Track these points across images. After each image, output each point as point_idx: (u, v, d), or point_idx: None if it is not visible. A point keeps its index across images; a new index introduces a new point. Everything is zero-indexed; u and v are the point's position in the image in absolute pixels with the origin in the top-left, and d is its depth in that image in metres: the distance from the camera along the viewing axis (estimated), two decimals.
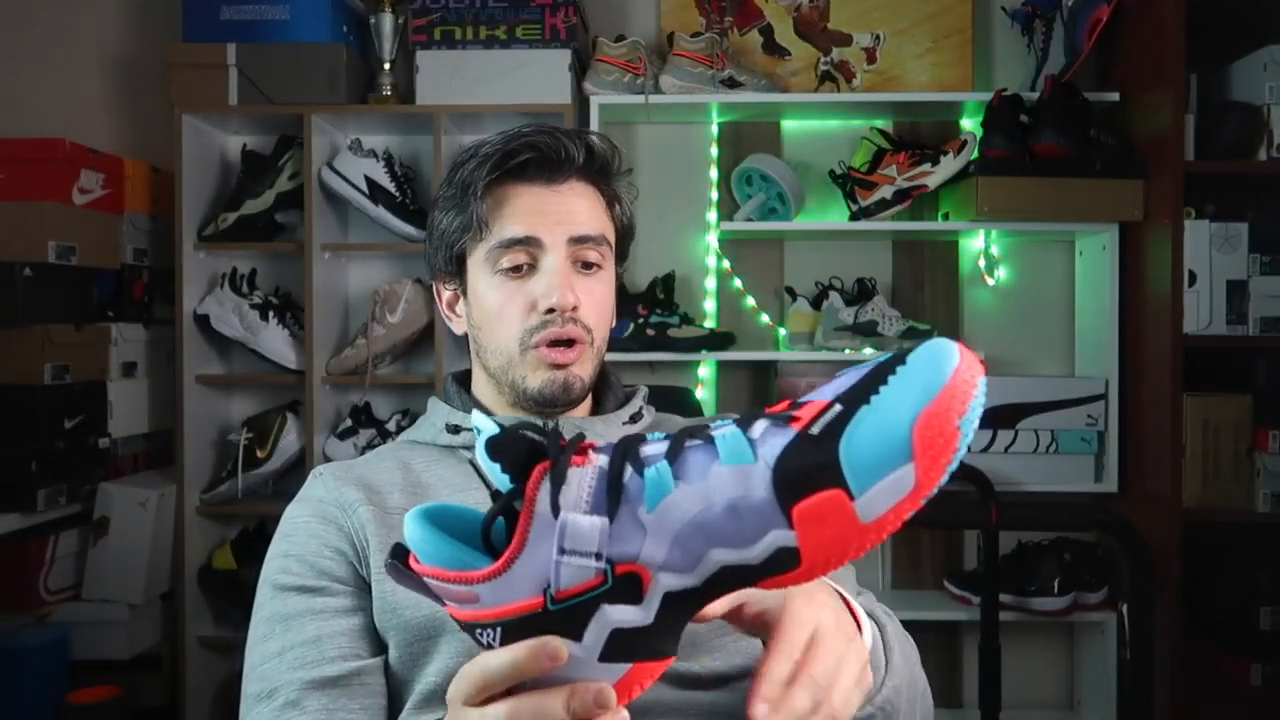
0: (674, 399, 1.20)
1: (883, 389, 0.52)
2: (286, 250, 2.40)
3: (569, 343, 0.94)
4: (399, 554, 0.58)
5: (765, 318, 2.51)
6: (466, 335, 1.02)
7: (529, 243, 0.94)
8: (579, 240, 0.95)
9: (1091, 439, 2.32)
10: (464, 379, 1.07)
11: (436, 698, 0.84)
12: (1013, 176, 2.23)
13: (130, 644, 2.27)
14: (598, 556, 0.53)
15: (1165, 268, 2.13)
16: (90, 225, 2.24)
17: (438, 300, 1.05)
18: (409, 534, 0.57)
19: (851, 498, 0.51)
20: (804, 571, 0.53)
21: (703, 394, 2.48)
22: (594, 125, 2.30)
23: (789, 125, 2.53)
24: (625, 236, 1.03)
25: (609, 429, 0.99)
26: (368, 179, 2.35)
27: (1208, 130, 2.20)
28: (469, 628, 0.56)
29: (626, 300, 2.32)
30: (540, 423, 0.96)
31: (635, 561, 0.53)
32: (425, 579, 0.56)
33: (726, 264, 2.50)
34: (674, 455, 0.54)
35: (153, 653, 2.35)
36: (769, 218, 2.40)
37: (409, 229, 2.36)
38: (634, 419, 1.03)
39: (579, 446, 0.56)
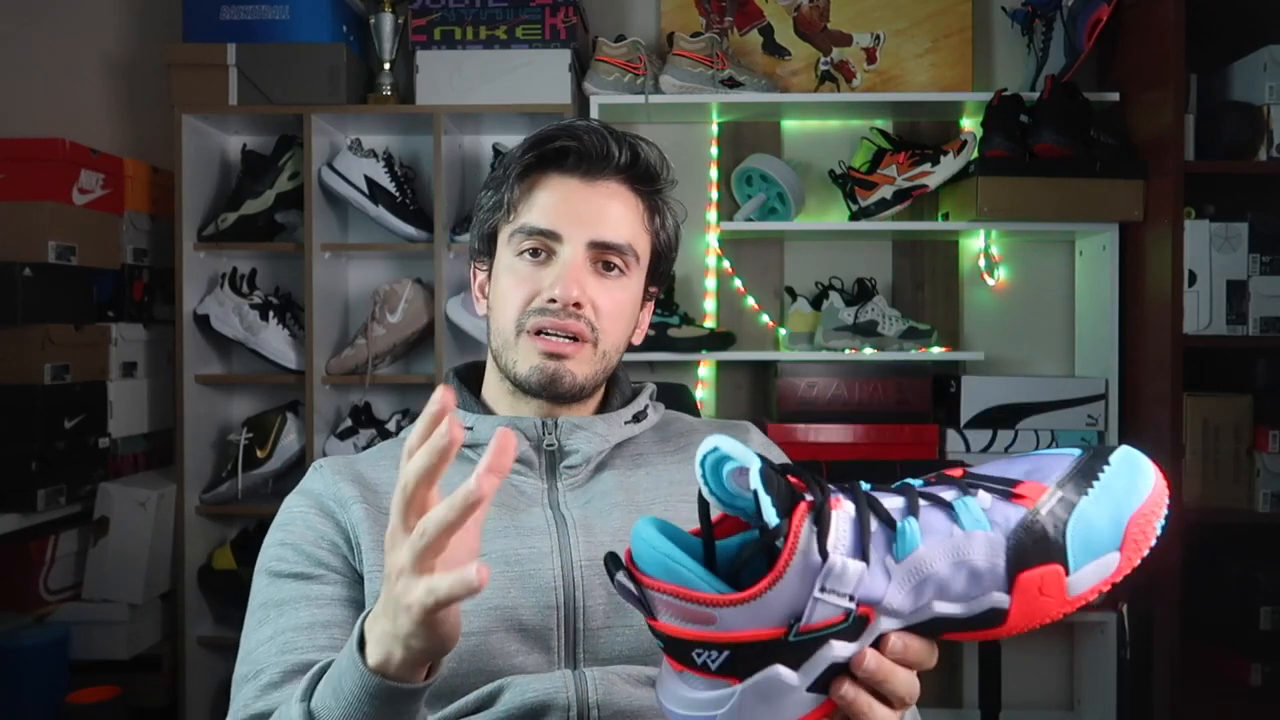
0: (674, 398, 1.19)
1: (1096, 484, 0.61)
2: (286, 250, 2.40)
3: (571, 337, 0.93)
4: (614, 561, 0.59)
5: (765, 318, 2.51)
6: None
7: (548, 235, 0.93)
8: (600, 246, 0.94)
9: (1091, 439, 2.32)
10: (466, 374, 1.06)
11: (430, 699, 0.83)
12: (1013, 176, 2.23)
13: (130, 644, 2.27)
14: (850, 598, 0.57)
15: (1165, 268, 2.13)
16: (90, 225, 2.24)
17: (472, 282, 1.05)
18: (638, 545, 0.58)
19: (1067, 573, 0.60)
20: (1004, 629, 0.60)
21: (702, 394, 2.48)
22: None
23: (789, 125, 2.53)
24: (663, 252, 1.01)
25: (610, 428, 0.98)
26: (368, 179, 2.35)
27: (1208, 130, 2.20)
28: (685, 646, 0.58)
29: None
30: (540, 422, 0.96)
31: (876, 605, 0.58)
32: (656, 593, 0.57)
33: (726, 264, 2.50)
34: (915, 511, 0.59)
35: (153, 653, 2.35)
36: (769, 218, 2.41)
37: (409, 229, 2.36)
38: (637, 418, 1.01)
39: (827, 491, 0.58)
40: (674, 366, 2.46)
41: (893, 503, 0.60)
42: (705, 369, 2.51)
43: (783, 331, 2.44)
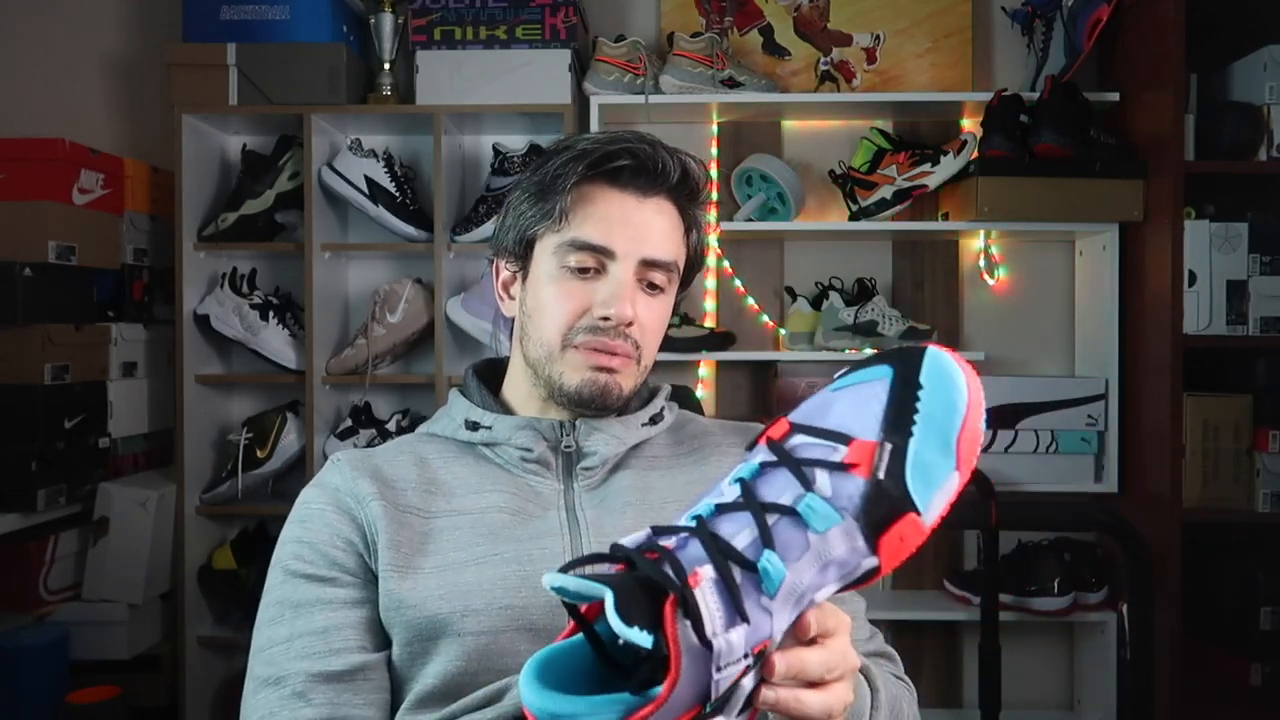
0: (677, 399, 1.19)
1: (917, 418, 0.62)
2: (286, 250, 2.40)
3: (613, 353, 0.94)
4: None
5: (765, 318, 2.51)
6: (512, 321, 1.02)
7: (602, 251, 0.94)
8: (650, 263, 0.95)
9: (1091, 439, 2.32)
10: (485, 372, 1.06)
11: (434, 699, 0.84)
12: (1013, 176, 2.23)
13: (130, 644, 2.27)
14: (745, 655, 0.58)
15: (1165, 268, 2.13)
16: (90, 225, 2.24)
17: (494, 277, 1.04)
18: (528, 702, 0.57)
19: (919, 514, 0.62)
20: (878, 576, 0.63)
21: (702, 394, 2.48)
22: (594, 126, 2.30)
23: (789, 125, 2.53)
24: (693, 263, 1.03)
25: (627, 430, 0.99)
26: (368, 179, 2.35)
27: (1208, 130, 2.20)
28: None
29: None
30: (559, 423, 0.96)
31: (768, 639, 0.59)
32: None
33: (726, 264, 2.50)
34: (767, 538, 0.59)
35: (153, 653, 2.35)
36: (769, 218, 2.41)
37: (409, 229, 2.36)
38: (654, 420, 1.02)
39: (682, 570, 0.57)
40: (674, 366, 2.46)
41: (744, 538, 0.59)
42: (705, 369, 2.51)
43: (783, 331, 2.44)
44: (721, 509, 0.61)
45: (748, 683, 0.59)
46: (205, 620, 2.39)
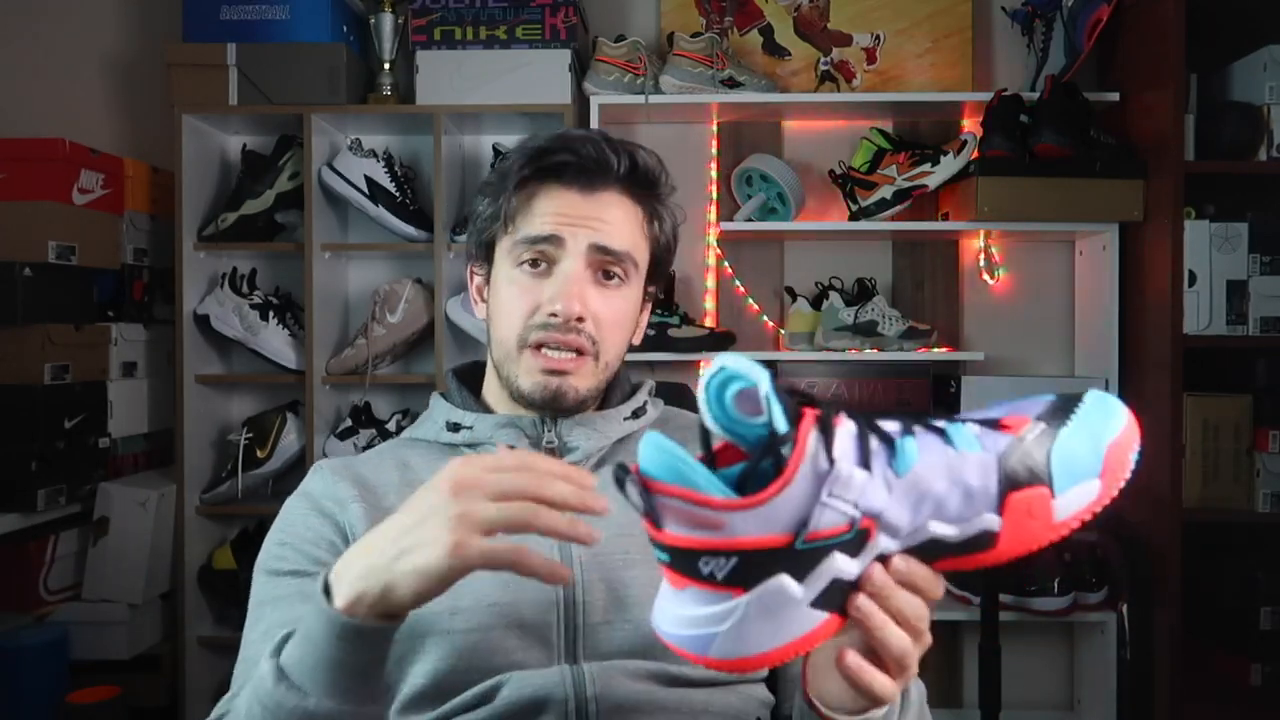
0: (674, 398, 1.19)
1: (1073, 417, 0.64)
2: (286, 250, 2.40)
3: (573, 352, 0.93)
4: (623, 470, 0.58)
5: (765, 318, 2.51)
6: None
7: (550, 241, 0.93)
8: (601, 250, 0.94)
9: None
10: (466, 374, 1.06)
11: (424, 699, 0.83)
12: (1013, 176, 2.23)
13: (130, 644, 2.27)
14: (855, 505, 0.58)
15: (1165, 268, 2.13)
16: (90, 225, 2.24)
17: (469, 284, 1.05)
18: (646, 453, 0.58)
19: (1053, 495, 0.62)
20: (995, 554, 0.62)
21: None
22: (594, 125, 2.30)
23: (789, 125, 2.53)
24: (661, 256, 1.02)
25: (610, 425, 0.98)
26: (368, 179, 2.35)
27: (1208, 130, 2.20)
28: (692, 556, 0.57)
29: None
30: (540, 420, 0.97)
31: (878, 518, 0.59)
32: (665, 498, 0.57)
33: (726, 264, 2.50)
34: (908, 429, 0.61)
35: (153, 653, 2.35)
36: (769, 218, 2.41)
37: (409, 229, 2.36)
38: (636, 414, 1.01)
39: (829, 407, 0.60)
40: (674, 366, 2.46)
41: (889, 425, 0.62)
42: (705, 369, 2.50)
43: (783, 332, 2.44)
44: (871, 417, 0.62)
45: (841, 563, 0.59)
46: (205, 620, 2.39)
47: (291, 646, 0.69)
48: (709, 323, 2.45)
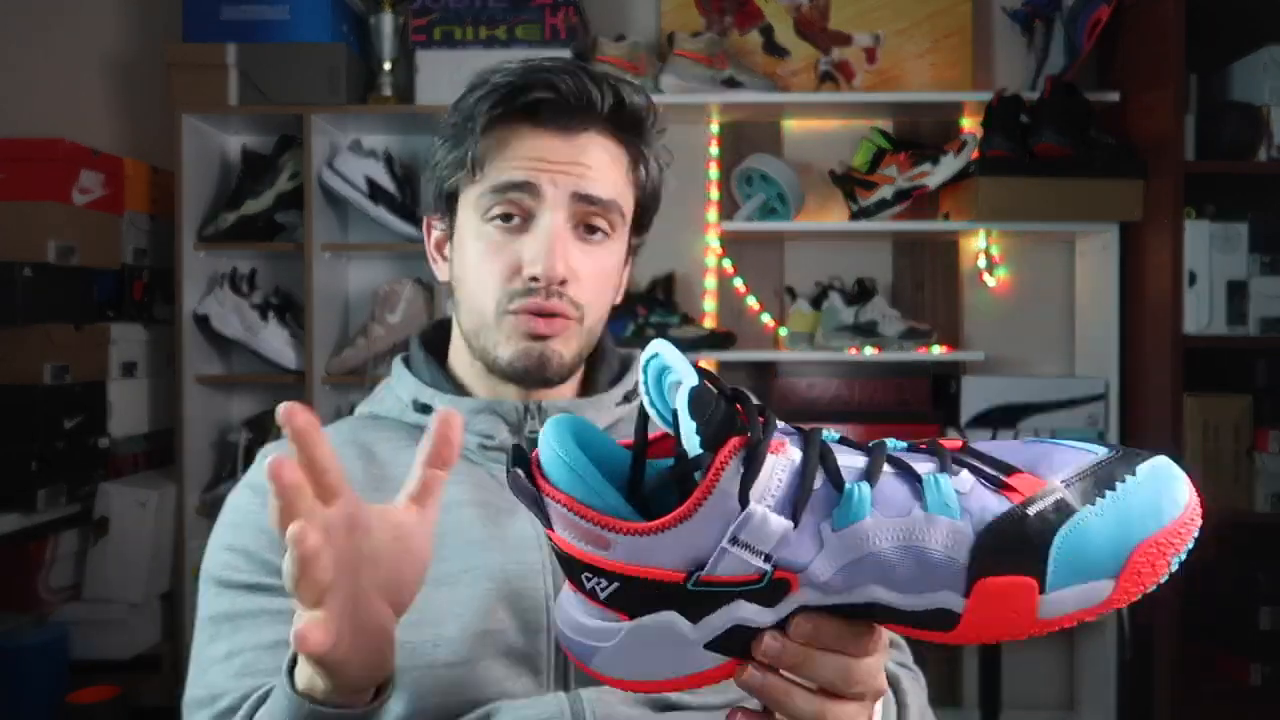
0: None
1: (1109, 494, 0.51)
2: (286, 250, 2.40)
3: (551, 315, 0.82)
4: (520, 458, 0.52)
5: (765, 318, 2.51)
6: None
7: (526, 189, 0.81)
8: (585, 199, 0.82)
9: (1091, 439, 2.32)
10: (433, 339, 0.94)
11: None
12: (1013, 176, 2.23)
13: (130, 644, 2.27)
14: (766, 558, 0.49)
15: (1165, 268, 2.13)
16: (90, 225, 2.24)
17: (426, 239, 0.93)
18: (546, 446, 0.51)
19: (1041, 591, 0.50)
20: (954, 635, 0.51)
21: None
22: None
23: (789, 125, 2.53)
24: (648, 204, 0.90)
25: (599, 412, 0.88)
26: (368, 179, 2.35)
27: (1208, 130, 2.20)
28: (576, 565, 0.52)
29: (626, 300, 2.32)
30: (522, 406, 0.86)
31: (799, 572, 0.50)
32: (551, 501, 0.50)
33: (726, 264, 2.50)
34: (872, 477, 0.50)
35: (153, 653, 2.35)
36: (769, 218, 2.41)
37: (409, 229, 2.36)
38: (628, 398, 0.91)
39: (771, 430, 0.50)
40: None
41: (851, 460, 0.51)
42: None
43: (783, 331, 2.44)
44: (843, 440, 0.53)
45: (746, 611, 0.51)
46: None
47: None
48: (709, 323, 2.45)
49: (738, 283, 2.51)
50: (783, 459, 0.49)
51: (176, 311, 2.35)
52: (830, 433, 0.53)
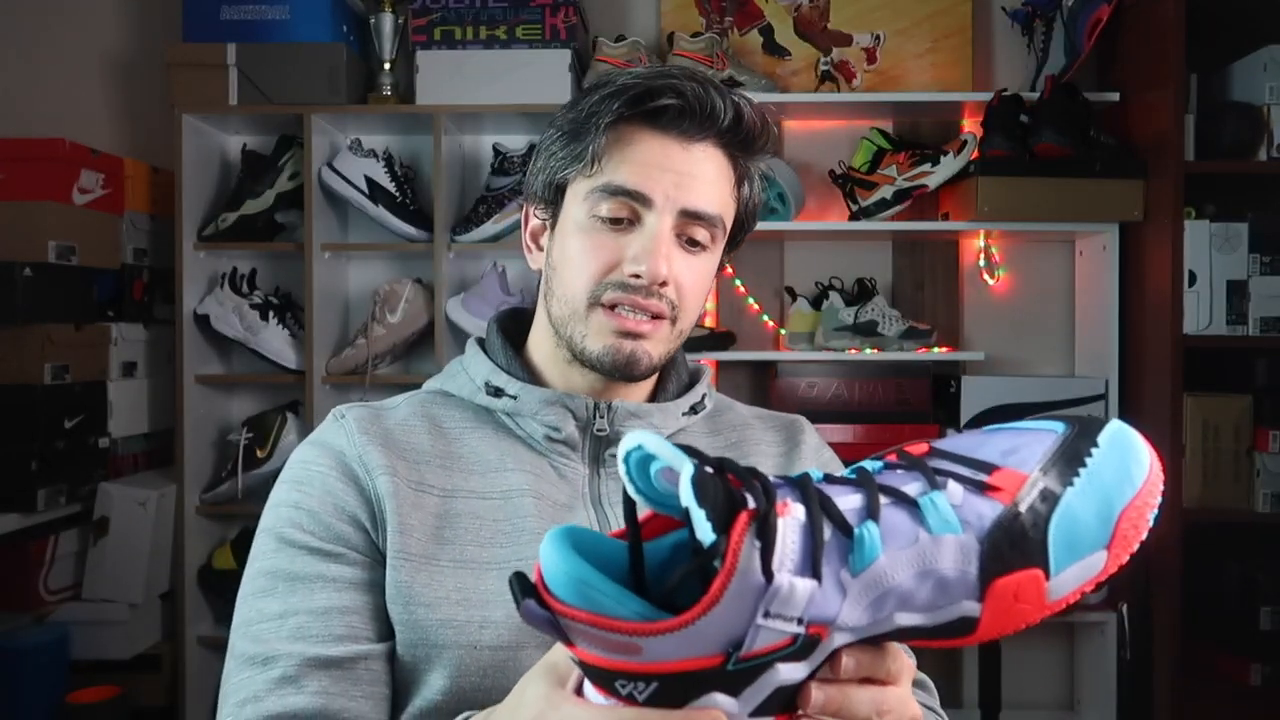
0: None
1: (1083, 471, 0.53)
2: (286, 250, 2.40)
3: (648, 314, 0.84)
4: (521, 584, 0.51)
5: (766, 318, 2.51)
6: (540, 275, 0.92)
7: (637, 198, 0.83)
8: (691, 215, 0.84)
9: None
10: (508, 326, 0.96)
11: (441, 714, 0.76)
12: (1013, 176, 2.23)
13: (130, 644, 2.27)
14: (799, 621, 0.49)
15: (1165, 268, 2.13)
16: (90, 225, 2.24)
17: (523, 226, 0.94)
18: (549, 565, 0.50)
19: (1048, 577, 0.52)
20: (974, 637, 0.54)
21: None
22: None
23: (789, 125, 2.53)
24: (743, 223, 0.93)
25: (666, 419, 0.90)
26: (368, 179, 2.35)
27: (1208, 130, 2.20)
28: (608, 675, 0.50)
29: None
30: (593, 404, 0.87)
31: (829, 624, 0.50)
32: (570, 621, 0.49)
33: (726, 264, 2.50)
34: (875, 514, 0.51)
35: (153, 653, 2.34)
36: (769, 218, 2.40)
37: (409, 229, 2.36)
38: (694, 409, 0.93)
39: (771, 494, 0.50)
40: None
41: (849, 502, 0.51)
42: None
43: (783, 332, 2.44)
44: (830, 479, 0.53)
45: (785, 673, 0.51)
46: (205, 620, 2.39)
47: None
48: (709, 323, 2.45)
49: (738, 283, 2.51)
50: (790, 520, 0.49)
51: (176, 311, 2.35)
52: (815, 472, 0.53)
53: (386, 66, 2.42)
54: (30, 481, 2.08)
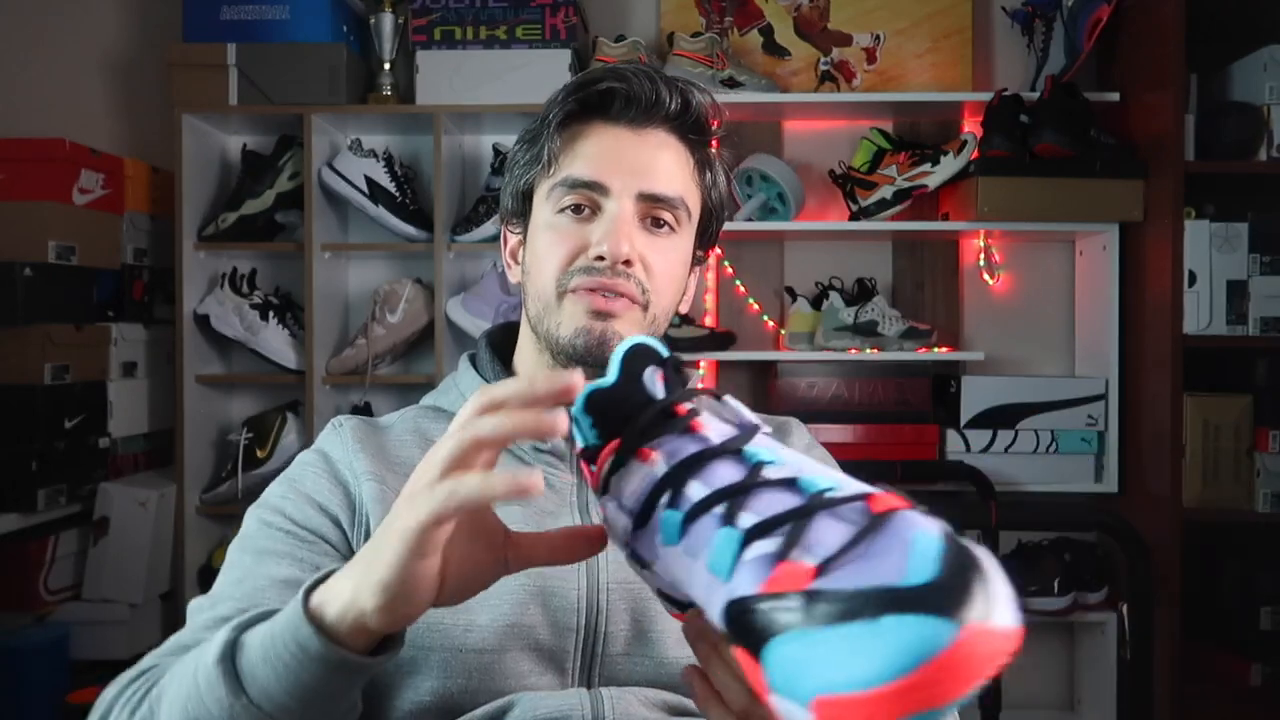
0: None
1: (837, 626, 0.42)
2: (286, 250, 2.40)
3: (615, 293, 0.84)
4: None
5: (765, 318, 2.51)
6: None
7: (594, 188, 0.85)
8: (650, 198, 0.85)
9: (1091, 439, 2.32)
10: (500, 339, 0.98)
11: (429, 716, 0.77)
12: (1013, 176, 2.23)
13: (130, 644, 2.27)
14: (624, 545, 0.57)
15: (1165, 268, 2.13)
16: (90, 225, 2.24)
17: (502, 246, 0.97)
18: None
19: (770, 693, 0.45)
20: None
21: None
22: None
23: (789, 125, 2.53)
24: (712, 214, 0.93)
25: None
26: (368, 179, 2.35)
27: (1208, 130, 2.20)
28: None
29: None
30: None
31: (650, 564, 0.57)
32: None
33: (727, 264, 2.50)
34: (696, 511, 0.51)
35: None
36: (769, 218, 2.40)
37: (409, 229, 2.36)
38: None
39: (648, 441, 0.56)
40: None
41: (696, 491, 0.52)
42: (705, 369, 2.50)
43: (783, 332, 2.44)
44: (768, 482, 0.52)
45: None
46: None
47: (254, 644, 0.61)
48: (709, 322, 2.45)
49: (738, 283, 2.51)
50: (646, 469, 0.55)
51: (176, 311, 2.35)
52: (769, 454, 0.54)
53: (386, 66, 2.42)
54: (30, 481, 2.08)
